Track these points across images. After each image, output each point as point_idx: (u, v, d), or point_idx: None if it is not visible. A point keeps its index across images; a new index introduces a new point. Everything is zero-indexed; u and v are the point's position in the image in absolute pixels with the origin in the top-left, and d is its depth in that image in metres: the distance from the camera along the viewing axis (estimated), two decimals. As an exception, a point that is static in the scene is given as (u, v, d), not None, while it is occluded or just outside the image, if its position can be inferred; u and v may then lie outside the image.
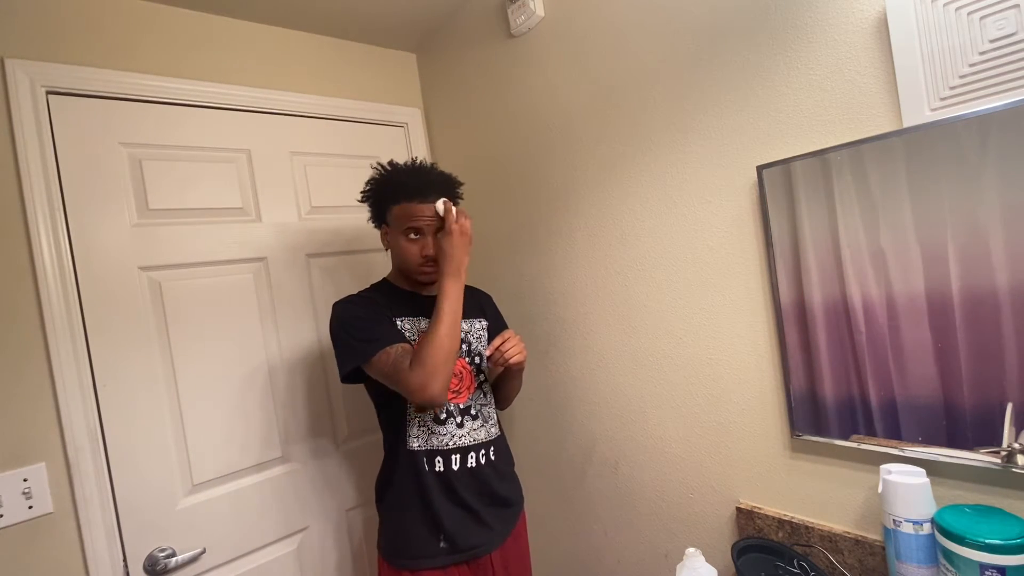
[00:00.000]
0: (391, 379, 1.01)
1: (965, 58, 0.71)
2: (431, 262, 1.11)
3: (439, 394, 0.98)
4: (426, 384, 0.96)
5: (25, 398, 1.07)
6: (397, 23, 1.60)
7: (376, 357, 1.01)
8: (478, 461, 1.12)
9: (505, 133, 1.49)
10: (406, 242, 1.11)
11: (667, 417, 1.17)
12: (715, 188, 1.02)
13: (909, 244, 0.77)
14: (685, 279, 1.10)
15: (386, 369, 1.01)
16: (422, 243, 1.11)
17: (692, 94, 1.03)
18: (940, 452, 0.77)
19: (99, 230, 1.18)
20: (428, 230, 1.10)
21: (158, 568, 1.17)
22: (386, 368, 1.01)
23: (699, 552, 0.85)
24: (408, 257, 1.12)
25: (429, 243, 1.10)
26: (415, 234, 1.11)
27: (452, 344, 1.01)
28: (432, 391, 0.97)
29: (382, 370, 1.02)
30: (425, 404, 1.03)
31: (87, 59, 1.20)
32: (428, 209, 1.10)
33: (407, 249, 1.11)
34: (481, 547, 1.11)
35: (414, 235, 1.11)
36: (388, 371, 1.01)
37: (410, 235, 1.11)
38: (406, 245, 1.11)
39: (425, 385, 0.96)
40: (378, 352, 1.01)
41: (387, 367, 1.00)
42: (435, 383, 0.97)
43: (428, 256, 1.10)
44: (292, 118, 1.50)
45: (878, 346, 0.82)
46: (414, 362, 0.98)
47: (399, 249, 1.13)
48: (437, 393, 0.97)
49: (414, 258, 1.11)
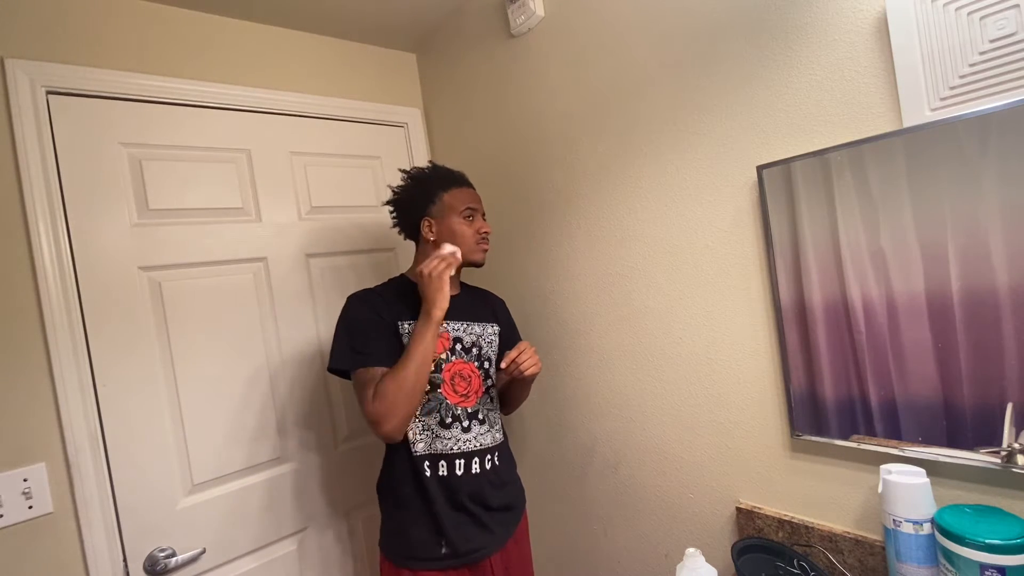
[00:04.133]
0: (358, 399, 1.05)
1: (965, 58, 0.71)
2: (486, 239, 1.19)
3: (393, 432, 1.01)
4: (381, 420, 1.00)
5: (25, 398, 1.07)
6: (397, 23, 1.60)
7: (356, 372, 1.06)
8: (482, 466, 1.12)
9: (505, 133, 1.49)
10: (463, 223, 1.16)
11: (667, 417, 1.17)
12: (715, 188, 1.02)
13: (909, 244, 0.77)
14: (685, 279, 1.10)
15: (357, 389, 1.06)
16: (478, 223, 1.18)
17: (692, 94, 1.03)
18: (940, 452, 0.77)
19: (99, 230, 1.18)
20: (481, 211, 1.20)
21: (158, 568, 1.17)
22: (357, 388, 1.06)
23: (699, 552, 0.85)
24: (465, 235, 1.16)
25: (481, 221, 1.20)
26: (471, 215, 1.17)
27: (417, 384, 1.02)
28: (386, 428, 1.00)
29: (355, 386, 1.07)
30: (380, 437, 1.04)
31: (87, 59, 1.20)
32: (477, 196, 1.21)
33: (463, 229, 1.16)
34: (482, 551, 1.10)
35: (471, 216, 1.17)
36: (358, 392, 1.05)
37: (467, 216, 1.17)
38: (462, 227, 1.16)
39: (380, 421, 1.00)
40: (359, 368, 1.05)
41: (359, 387, 1.05)
42: (391, 420, 1.00)
43: (485, 233, 1.19)
44: (292, 118, 1.50)
45: (878, 346, 0.82)
46: (376, 395, 1.00)
47: (454, 232, 1.16)
48: (390, 430, 1.01)
49: (471, 235, 1.17)
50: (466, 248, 1.15)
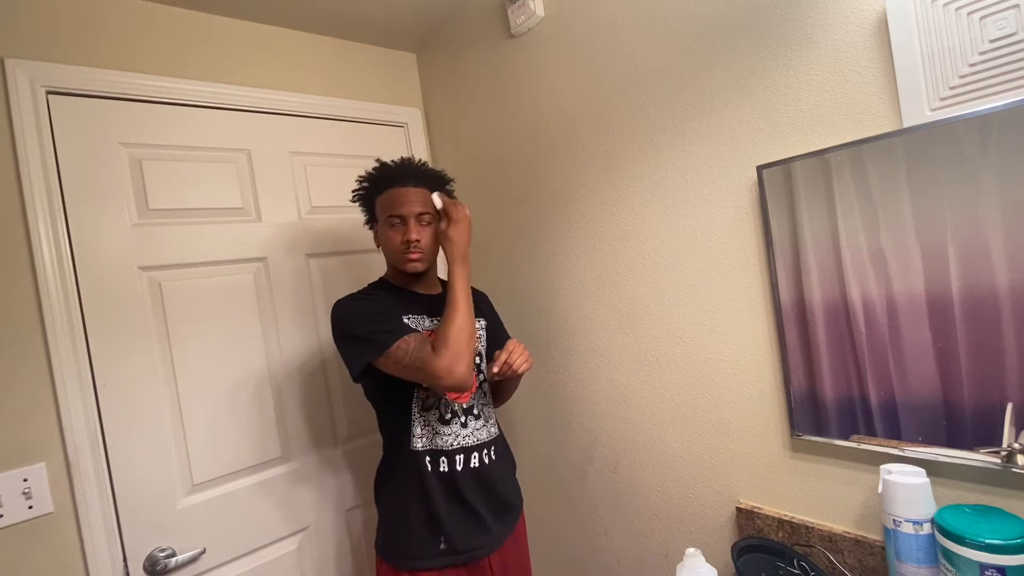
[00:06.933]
0: (412, 368, 0.99)
1: (965, 58, 0.71)
2: (414, 248, 1.09)
3: (466, 376, 0.99)
4: (452, 367, 0.97)
5: (25, 398, 1.07)
6: (397, 23, 1.60)
7: (394, 347, 1.00)
8: (481, 460, 1.12)
9: (505, 133, 1.49)
10: (389, 230, 1.11)
11: (667, 417, 1.17)
12: (715, 188, 1.02)
13: (909, 244, 0.77)
14: (685, 279, 1.10)
15: (405, 359, 0.99)
16: (403, 229, 1.10)
17: (692, 94, 1.03)
18: (940, 452, 0.77)
19: (99, 230, 1.18)
20: (409, 215, 1.09)
21: (158, 568, 1.17)
22: (405, 358, 0.99)
23: (699, 552, 0.85)
24: (391, 245, 1.11)
25: (411, 228, 1.09)
26: (397, 220, 1.10)
27: (472, 327, 1.03)
28: (458, 373, 0.98)
29: (400, 360, 1.00)
30: (451, 387, 1.02)
31: (87, 59, 1.20)
32: (409, 194, 1.10)
33: (390, 237, 1.11)
34: (480, 549, 1.10)
35: (396, 221, 1.10)
36: (408, 360, 0.99)
37: (392, 222, 1.11)
38: (389, 233, 1.11)
39: (452, 368, 0.97)
40: (396, 342, 1.00)
41: (406, 356, 0.99)
42: (460, 365, 0.98)
43: (409, 240, 1.09)
44: (292, 118, 1.50)
45: (878, 346, 0.82)
46: (438, 346, 0.98)
47: (384, 239, 1.14)
48: (463, 375, 0.98)
49: (396, 244, 1.10)
50: (392, 259, 1.14)
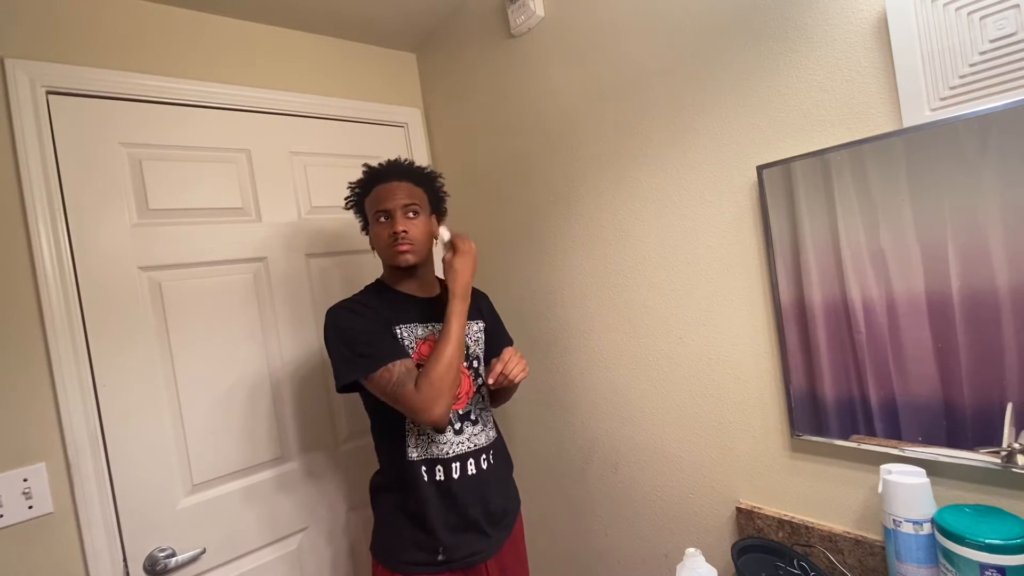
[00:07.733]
0: (391, 397, 1.00)
1: (965, 58, 0.71)
2: (403, 240, 1.08)
3: (442, 416, 0.99)
4: (431, 407, 0.97)
5: (25, 398, 1.07)
6: (397, 23, 1.60)
7: (377, 374, 1.00)
8: (478, 466, 1.11)
9: (505, 133, 1.49)
10: (376, 226, 1.11)
11: (667, 417, 1.17)
12: (715, 188, 1.02)
13: (909, 244, 0.77)
14: (685, 279, 1.10)
15: (388, 388, 0.99)
16: (390, 224, 1.09)
17: (692, 94, 1.03)
18: (940, 452, 0.77)
19: (99, 230, 1.18)
20: (395, 208, 1.09)
21: (158, 568, 1.17)
22: (388, 387, 0.99)
23: (699, 552, 0.85)
24: (381, 240, 1.11)
25: (397, 220, 1.08)
26: (384, 217, 1.10)
27: (458, 365, 1.02)
28: (436, 413, 0.98)
29: (383, 388, 1.00)
30: (426, 425, 1.03)
31: (87, 59, 1.20)
32: (393, 188, 1.10)
33: (378, 233, 1.11)
34: (478, 555, 1.09)
35: (383, 218, 1.10)
36: (390, 389, 0.99)
37: (380, 219, 1.10)
38: (377, 229, 1.11)
39: (430, 408, 0.97)
40: (379, 369, 1.00)
41: (389, 385, 0.99)
42: (440, 406, 0.98)
43: (396, 232, 1.07)
44: (292, 118, 1.50)
45: (878, 346, 0.82)
46: (421, 382, 0.98)
47: (374, 237, 1.14)
48: (440, 415, 0.98)
49: (385, 238, 1.09)
50: (384, 255, 1.14)
